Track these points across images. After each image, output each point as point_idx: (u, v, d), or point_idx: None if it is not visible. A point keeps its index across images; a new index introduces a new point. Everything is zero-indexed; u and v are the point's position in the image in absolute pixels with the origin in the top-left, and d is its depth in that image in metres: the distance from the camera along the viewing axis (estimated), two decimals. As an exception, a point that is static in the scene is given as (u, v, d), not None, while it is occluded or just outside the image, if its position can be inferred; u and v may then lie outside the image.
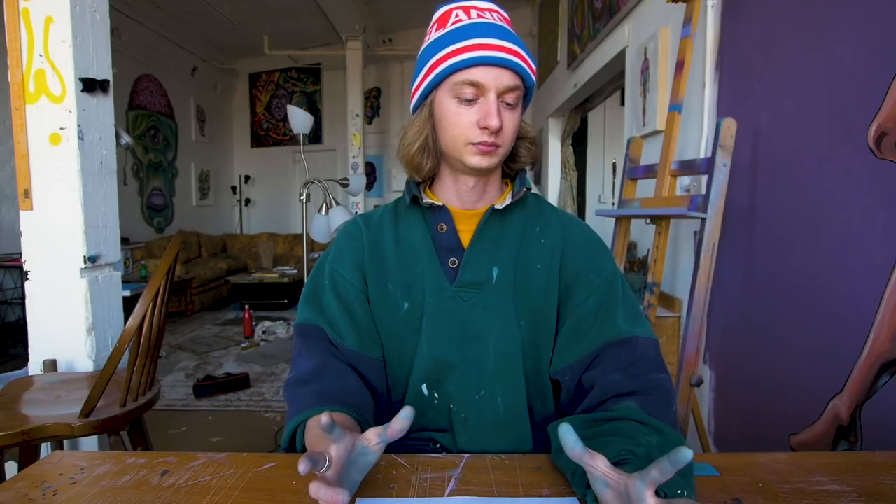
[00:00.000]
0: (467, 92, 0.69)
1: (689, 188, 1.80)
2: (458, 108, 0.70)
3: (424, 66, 0.73)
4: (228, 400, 2.90)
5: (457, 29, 0.70)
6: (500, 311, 0.73)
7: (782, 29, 1.35)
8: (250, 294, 5.32)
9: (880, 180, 1.01)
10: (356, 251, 0.78)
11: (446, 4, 0.74)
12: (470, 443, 0.74)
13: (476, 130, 0.70)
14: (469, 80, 0.68)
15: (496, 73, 0.68)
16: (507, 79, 0.69)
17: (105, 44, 1.78)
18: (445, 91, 0.71)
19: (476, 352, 0.73)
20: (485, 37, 0.68)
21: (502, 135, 0.71)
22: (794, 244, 1.28)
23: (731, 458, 0.68)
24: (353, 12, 5.47)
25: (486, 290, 0.74)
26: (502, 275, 0.74)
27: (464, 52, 0.68)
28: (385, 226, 0.79)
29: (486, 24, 0.69)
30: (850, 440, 1.09)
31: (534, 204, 0.82)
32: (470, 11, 0.71)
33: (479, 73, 0.68)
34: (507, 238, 0.77)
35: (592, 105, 4.21)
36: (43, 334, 1.71)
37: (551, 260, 0.76)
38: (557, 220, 0.80)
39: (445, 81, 0.71)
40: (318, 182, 2.83)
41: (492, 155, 0.71)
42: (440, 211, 0.77)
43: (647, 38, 2.24)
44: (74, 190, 1.67)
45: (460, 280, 0.74)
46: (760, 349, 1.41)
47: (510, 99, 0.70)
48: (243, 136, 7.74)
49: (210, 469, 0.64)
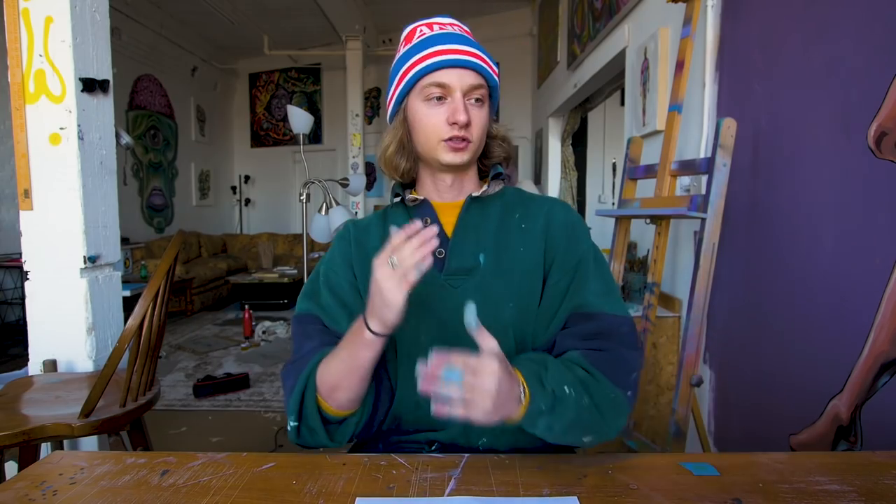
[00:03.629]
0: (435, 92, 0.76)
1: (689, 188, 1.80)
2: (428, 110, 0.77)
3: (396, 77, 0.81)
4: (228, 400, 2.90)
5: (422, 41, 0.79)
6: (489, 294, 0.77)
7: (782, 29, 1.35)
8: (250, 294, 5.32)
9: (880, 180, 1.01)
10: (345, 250, 0.84)
11: (411, 24, 0.84)
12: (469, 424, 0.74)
13: (446, 127, 0.76)
14: (436, 82, 0.76)
15: (459, 73, 0.76)
16: (471, 78, 0.76)
17: (105, 44, 1.78)
18: (416, 96, 0.78)
19: (464, 335, 0.75)
20: (447, 44, 0.76)
21: (471, 130, 0.77)
22: (794, 244, 1.28)
23: (731, 458, 0.68)
24: (353, 12, 5.48)
25: (474, 276, 0.78)
26: (488, 260, 0.79)
27: (429, 58, 0.76)
28: (372, 226, 0.86)
29: (447, 34, 0.78)
30: (850, 440, 1.09)
31: (513, 194, 0.87)
32: (433, 26, 0.81)
33: (444, 75, 0.76)
34: (487, 225, 0.81)
35: (592, 105, 4.21)
36: (43, 334, 1.71)
37: (535, 243, 0.80)
38: (537, 205, 0.84)
39: (415, 87, 0.78)
40: (318, 182, 2.83)
41: (463, 151, 0.77)
42: (423, 206, 0.83)
43: (647, 38, 2.24)
44: (74, 190, 1.67)
45: (448, 268, 0.78)
46: (760, 349, 1.41)
47: (476, 95, 0.77)
48: (243, 136, 7.74)
49: (210, 469, 0.64)
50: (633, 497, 0.58)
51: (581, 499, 0.58)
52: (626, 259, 1.98)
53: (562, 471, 0.65)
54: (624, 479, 0.62)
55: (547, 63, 4.80)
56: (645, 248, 2.29)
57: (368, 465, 0.66)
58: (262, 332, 4.17)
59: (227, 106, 7.59)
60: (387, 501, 0.58)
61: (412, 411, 0.77)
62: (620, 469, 0.65)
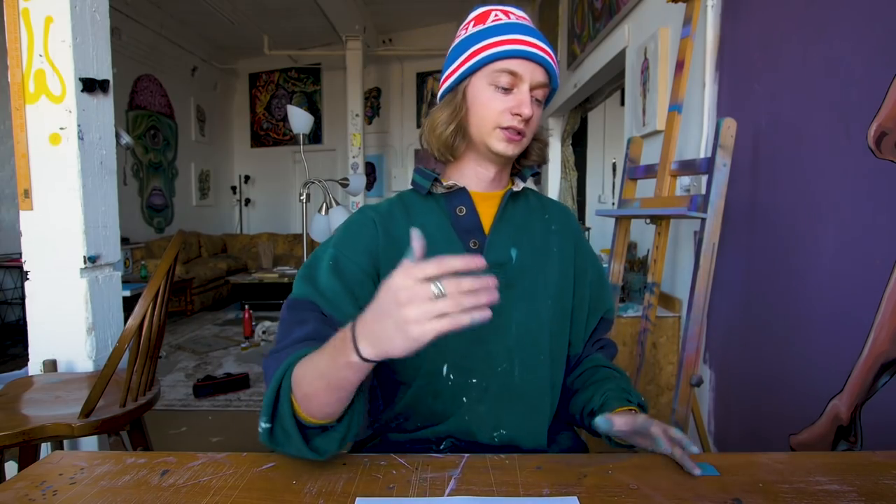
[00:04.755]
0: (504, 80, 0.75)
1: (689, 188, 1.80)
2: (493, 94, 0.76)
3: (462, 53, 0.78)
4: (228, 400, 2.90)
5: (498, 25, 0.77)
6: (523, 289, 0.78)
7: (782, 29, 1.35)
8: (250, 294, 5.32)
9: (880, 180, 1.01)
10: (370, 237, 0.77)
11: (483, 6, 0.81)
12: (488, 413, 0.76)
13: (507, 116, 0.75)
14: (508, 69, 0.74)
15: (532, 67, 0.75)
16: (541, 75, 0.76)
17: (105, 44, 1.78)
18: (482, 77, 0.76)
19: (499, 327, 0.76)
20: (525, 35, 0.75)
21: (530, 125, 0.77)
22: (794, 244, 1.28)
23: (731, 458, 0.68)
24: (353, 12, 5.47)
25: (506, 270, 0.78)
26: (521, 256, 0.79)
27: (506, 44, 0.74)
28: (396, 215, 0.80)
29: (524, 26, 0.77)
30: (850, 440, 1.09)
31: (534, 196, 0.89)
32: (509, 14, 0.79)
33: (517, 64, 0.74)
34: (523, 221, 0.83)
35: (592, 105, 4.21)
36: (43, 334, 1.71)
37: (568, 246, 0.84)
38: (556, 209, 0.88)
39: (483, 69, 0.76)
40: (318, 182, 2.83)
41: (517, 143, 0.77)
42: (459, 194, 0.81)
43: (647, 38, 2.24)
44: (74, 190, 1.67)
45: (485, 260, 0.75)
46: (760, 349, 1.41)
47: (539, 95, 0.77)
48: (243, 136, 7.73)
49: (210, 469, 0.64)
50: (633, 497, 0.58)
51: (581, 499, 0.58)
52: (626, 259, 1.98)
53: (562, 471, 0.65)
54: (624, 479, 0.62)
55: (547, 63, 4.80)
56: (645, 248, 2.29)
57: (368, 465, 0.66)
58: (262, 332, 4.17)
59: (227, 106, 7.59)
60: (387, 501, 0.58)
61: (428, 402, 0.76)
62: (620, 469, 0.65)
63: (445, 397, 0.76)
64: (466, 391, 0.76)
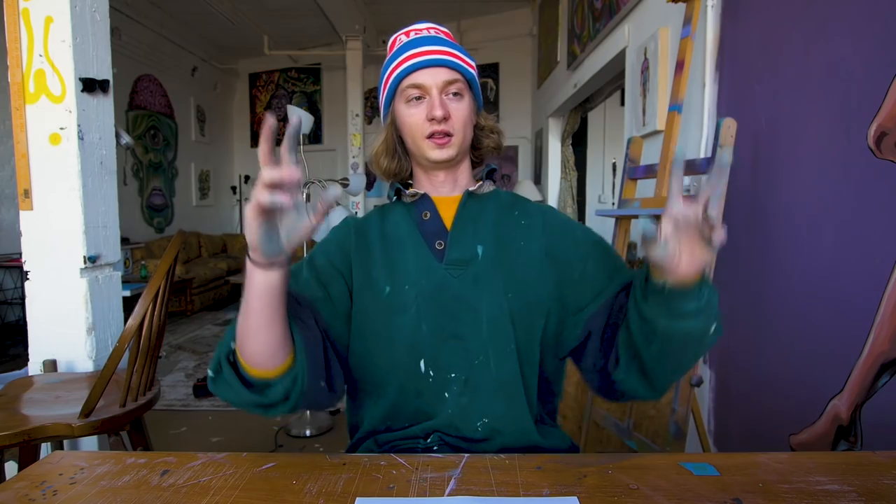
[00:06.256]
0: (413, 93, 0.80)
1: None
2: (409, 110, 0.81)
3: (381, 84, 0.86)
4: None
5: (399, 48, 0.84)
6: (488, 283, 0.80)
7: (782, 29, 1.35)
8: (250, 294, 5.31)
9: (880, 180, 1.01)
10: (343, 237, 0.86)
11: (394, 34, 0.88)
12: (470, 405, 0.77)
13: (426, 124, 0.80)
14: (412, 83, 0.80)
15: (433, 72, 0.80)
16: (444, 74, 0.80)
17: (105, 44, 1.78)
18: (399, 100, 0.83)
19: (472, 321, 0.79)
20: (420, 47, 0.81)
21: (452, 123, 0.80)
22: (794, 244, 1.28)
23: (731, 458, 0.68)
24: (353, 12, 5.47)
25: (473, 266, 0.81)
26: (486, 251, 0.82)
27: (404, 62, 0.81)
28: (371, 221, 0.88)
29: (421, 38, 0.83)
30: (850, 440, 1.09)
31: (507, 195, 0.91)
32: (409, 33, 0.86)
33: (418, 75, 0.80)
34: (485, 219, 0.85)
35: (592, 105, 4.21)
36: (43, 334, 1.71)
37: (536, 238, 0.84)
38: (533, 206, 0.89)
39: (397, 92, 0.83)
40: (319, 182, 2.83)
41: (447, 146, 0.80)
42: (422, 200, 0.86)
43: (647, 38, 2.24)
44: (74, 190, 1.67)
45: (448, 258, 0.81)
46: (760, 349, 1.41)
47: (452, 90, 0.80)
48: (243, 136, 7.73)
49: (210, 469, 0.65)
50: (633, 497, 0.58)
51: (581, 499, 0.58)
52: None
53: (562, 471, 0.65)
54: (624, 479, 0.62)
55: (547, 63, 4.80)
56: (645, 248, 2.29)
57: (368, 465, 0.66)
58: (262, 332, 4.17)
59: (227, 106, 7.59)
60: (387, 501, 0.58)
61: (412, 400, 0.78)
62: (620, 469, 0.65)
63: (428, 394, 0.79)
64: (447, 386, 0.78)
